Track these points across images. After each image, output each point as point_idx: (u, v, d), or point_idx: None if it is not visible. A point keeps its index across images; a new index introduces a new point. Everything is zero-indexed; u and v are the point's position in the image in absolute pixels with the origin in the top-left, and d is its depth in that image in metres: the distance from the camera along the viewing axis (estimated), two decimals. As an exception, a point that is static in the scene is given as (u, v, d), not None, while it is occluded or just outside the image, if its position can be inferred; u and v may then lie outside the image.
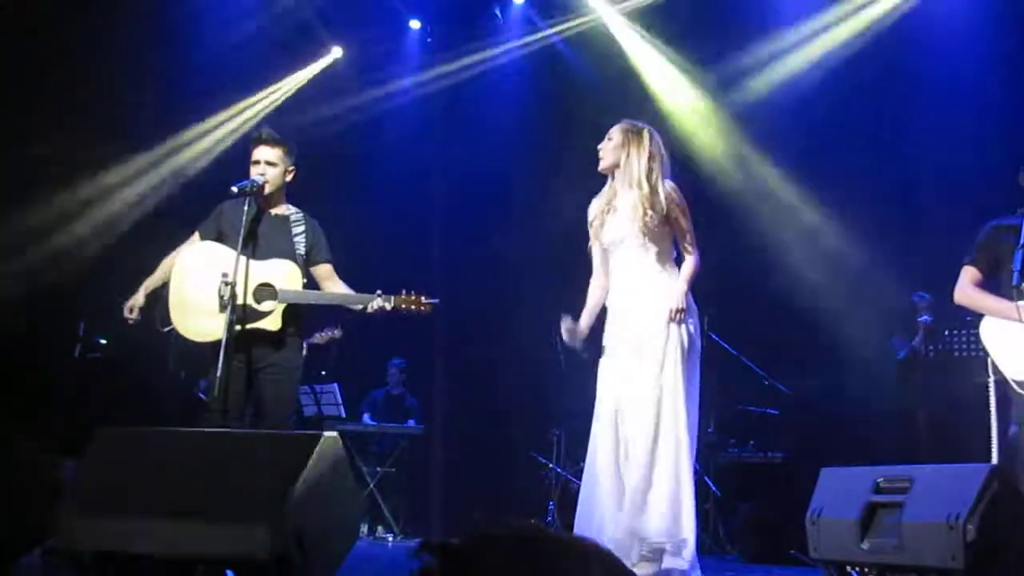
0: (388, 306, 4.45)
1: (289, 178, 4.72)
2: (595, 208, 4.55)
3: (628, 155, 4.41)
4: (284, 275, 4.46)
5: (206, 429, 4.05)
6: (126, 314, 4.57)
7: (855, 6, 7.99)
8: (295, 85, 9.18)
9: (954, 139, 7.15)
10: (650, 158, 4.39)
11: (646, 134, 4.44)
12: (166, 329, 4.51)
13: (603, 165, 4.52)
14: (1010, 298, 4.30)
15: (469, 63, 9.23)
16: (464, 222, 9.14)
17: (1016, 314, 4.24)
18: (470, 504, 7.73)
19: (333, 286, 4.65)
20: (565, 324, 4.52)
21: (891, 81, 7.74)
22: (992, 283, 4.46)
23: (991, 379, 4.46)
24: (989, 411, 4.57)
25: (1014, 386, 4.26)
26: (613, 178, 4.52)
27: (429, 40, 9.48)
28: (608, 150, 4.48)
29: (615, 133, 4.49)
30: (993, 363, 4.37)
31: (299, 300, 4.47)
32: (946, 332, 6.05)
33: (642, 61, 8.76)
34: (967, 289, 4.49)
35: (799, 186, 8.07)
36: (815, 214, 7.97)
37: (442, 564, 1.25)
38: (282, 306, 4.42)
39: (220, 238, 4.60)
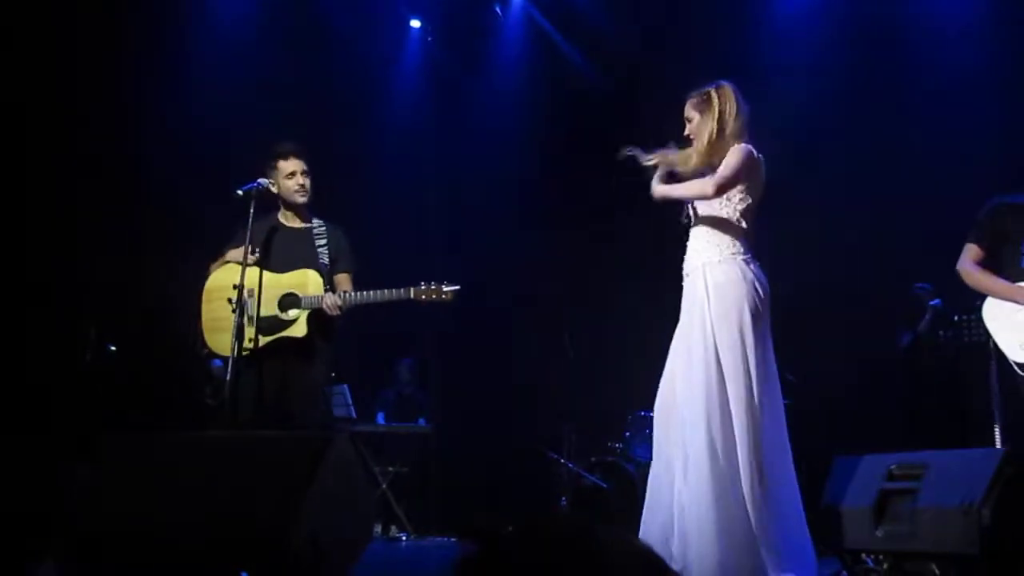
0: (410, 297, 4.52)
1: None
2: None
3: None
4: (307, 283, 4.58)
5: (218, 432, 4.08)
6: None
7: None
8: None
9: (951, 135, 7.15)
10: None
11: (714, 96, 3.85)
12: (205, 351, 4.75)
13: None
14: (1013, 278, 4.23)
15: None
16: (467, 216, 9.11)
17: (1017, 295, 4.18)
18: (482, 502, 7.72)
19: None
20: None
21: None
22: (994, 262, 4.35)
23: (994, 363, 4.42)
24: (992, 395, 4.54)
25: (1016, 368, 4.18)
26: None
27: (429, 39, 9.47)
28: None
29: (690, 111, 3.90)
30: (995, 346, 4.29)
31: (318, 305, 4.54)
32: (955, 317, 6.01)
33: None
34: (968, 267, 4.37)
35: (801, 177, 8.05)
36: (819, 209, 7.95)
37: (487, 552, 1.24)
38: (306, 312, 4.54)
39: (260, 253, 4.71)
